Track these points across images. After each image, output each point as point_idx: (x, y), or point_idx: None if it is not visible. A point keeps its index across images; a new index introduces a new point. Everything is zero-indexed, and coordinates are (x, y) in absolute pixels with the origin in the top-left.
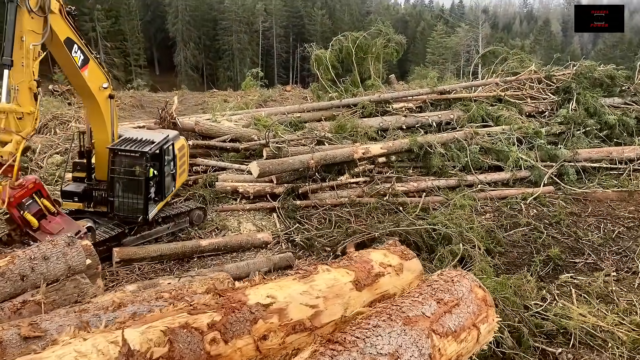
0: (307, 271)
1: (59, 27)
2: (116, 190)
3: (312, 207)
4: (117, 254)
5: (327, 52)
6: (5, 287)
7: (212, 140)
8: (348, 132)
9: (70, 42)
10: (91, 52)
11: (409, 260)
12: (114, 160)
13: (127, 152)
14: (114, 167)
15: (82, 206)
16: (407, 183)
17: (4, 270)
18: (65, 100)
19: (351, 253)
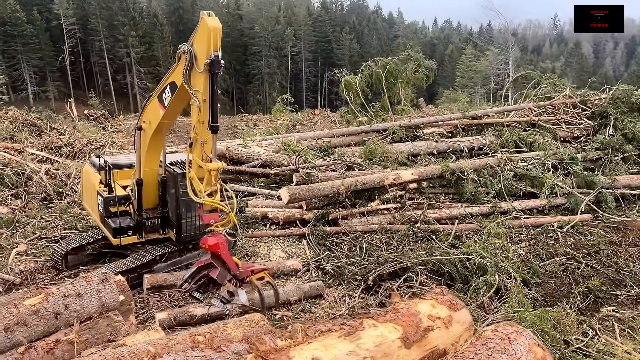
0: (352, 327)
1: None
2: (184, 213)
3: (342, 233)
4: (148, 281)
5: (356, 78)
6: (39, 325)
7: (242, 165)
8: (378, 158)
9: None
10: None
11: (458, 311)
12: (182, 183)
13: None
14: (182, 190)
15: (136, 239)
16: (439, 210)
17: (38, 308)
18: (100, 125)
19: (397, 304)
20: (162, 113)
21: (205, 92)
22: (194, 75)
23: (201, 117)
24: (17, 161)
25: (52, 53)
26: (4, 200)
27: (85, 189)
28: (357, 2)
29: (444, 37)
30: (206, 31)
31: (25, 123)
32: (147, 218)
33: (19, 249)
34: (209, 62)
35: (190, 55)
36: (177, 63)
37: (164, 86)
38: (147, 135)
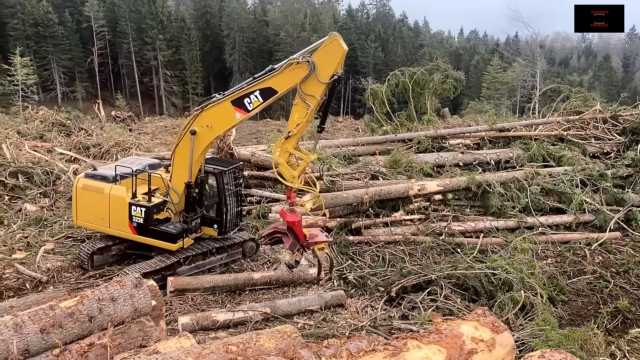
0: (396, 348)
1: None
2: (227, 207)
3: (365, 243)
4: (171, 284)
5: (382, 86)
6: (74, 328)
7: (267, 171)
8: (403, 168)
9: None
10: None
11: (501, 334)
12: (223, 179)
13: (232, 169)
14: (225, 187)
15: (190, 240)
16: (464, 223)
17: (73, 310)
18: (127, 127)
19: (439, 324)
20: (239, 117)
21: (320, 99)
22: (312, 84)
23: (307, 118)
24: (47, 160)
25: (81, 54)
26: (33, 199)
27: (85, 205)
28: (383, 11)
29: (469, 47)
30: (339, 52)
31: (55, 123)
32: (194, 218)
33: (47, 248)
34: (336, 78)
35: (314, 66)
36: (280, 72)
37: (249, 91)
38: (204, 139)
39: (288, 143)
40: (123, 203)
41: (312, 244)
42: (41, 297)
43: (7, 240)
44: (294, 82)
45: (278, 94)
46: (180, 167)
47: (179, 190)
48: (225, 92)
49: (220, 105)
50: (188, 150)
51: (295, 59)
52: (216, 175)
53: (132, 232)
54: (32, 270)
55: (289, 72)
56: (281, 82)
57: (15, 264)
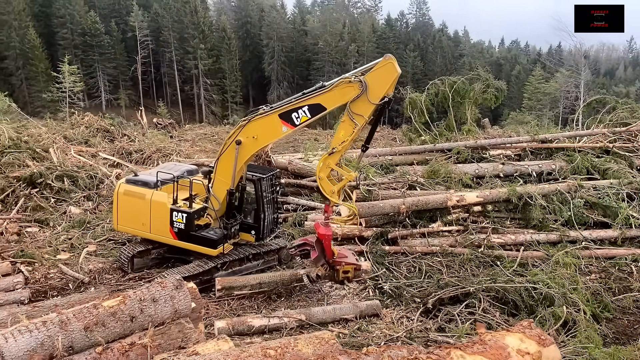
0: (439, 357)
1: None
2: (265, 213)
3: (401, 253)
4: (219, 283)
5: (422, 96)
6: (116, 327)
7: (303, 179)
8: (441, 178)
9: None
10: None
11: (547, 347)
12: (261, 186)
13: (269, 176)
14: (263, 194)
15: (230, 246)
16: (504, 235)
17: (115, 310)
18: (168, 134)
19: (483, 335)
20: (285, 130)
21: (368, 119)
22: (362, 103)
23: (354, 136)
24: (91, 165)
25: (125, 63)
26: (77, 202)
27: (127, 210)
28: (423, 20)
29: (510, 57)
30: (392, 75)
31: (99, 129)
32: (233, 224)
33: (89, 249)
34: (386, 101)
35: (365, 87)
36: (330, 89)
37: (297, 106)
38: (249, 150)
39: (331, 159)
40: (164, 209)
41: (338, 264)
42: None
43: (52, 241)
44: (344, 100)
45: (326, 110)
46: (223, 175)
47: (220, 197)
48: (273, 104)
49: (268, 117)
50: (232, 159)
51: (347, 78)
52: (254, 183)
53: (173, 238)
54: (75, 271)
55: (340, 91)
56: (331, 99)
57: (59, 264)
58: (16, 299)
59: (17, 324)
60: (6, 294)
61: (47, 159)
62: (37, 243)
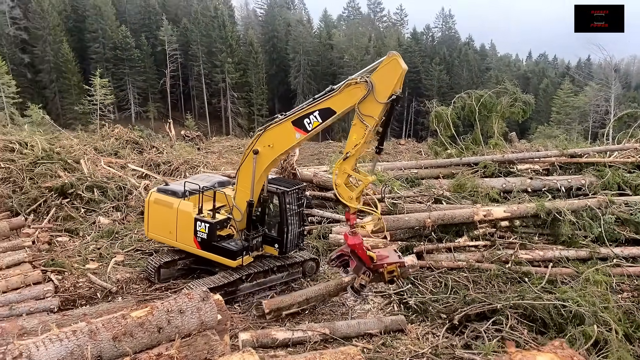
0: None
1: None
2: (288, 227)
3: (427, 268)
4: (266, 306)
5: (448, 109)
6: (143, 337)
7: (328, 192)
8: (468, 192)
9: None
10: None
11: None
12: (285, 199)
13: (295, 190)
14: (287, 207)
15: (250, 258)
16: (532, 251)
17: (143, 320)
18: (195, 146)
19: (514, 354)
20: (299, 137)
21: (379, 119)
22: (370, 104)
23: (367, 138)
24: (120, 176)
25: (154, 76)
26: (106, 212)
27: (156, 218)
28: (449, 34)
29: (538, 70)
30: (398, 71)
31: (129, 140)
32: (255, 236)
33: (117, 259)
34: (394, 98)
35: (371, 87)
36: (339, 92)
37: (308, 112)
38: (266, 159)
39: (346, 164)
40: (189, 218)
41: (380, 266)
42: (112, 306)
43: (82, 251)
44: (353, 102)
45: (336, 114)
46: (244, 186)
47: (242, 208)
48: (287, 112)
49: (282, 125)
50: (251, 169)
51: (353, 79)
52: (279, 195)
53: (196, 247)
54: (103, 281)
55: (348, 93)
56: (340, 102)
57: (88, 273)
58: (46, 307)
59: (47, 333)
60: (36, 302)
61: (78, 170)
62: (67, 252)
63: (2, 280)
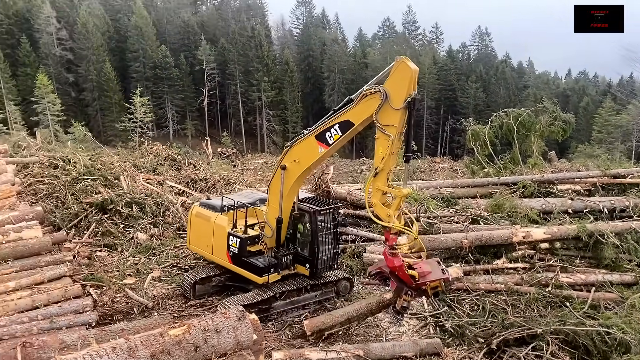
0: None
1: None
2: (319, 248)
3: (463, 290)
4: (308, 328)
5: (485, 128)
6: (180, 356)
7: (362, 210)
8: (506, 213)
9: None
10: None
11: None
12: (316, 219)
13: (327, 209)
14: (319, 227)
15: (278, 276)
16: (574, 274)
17: (180, 339)
18: (231, 163)
19: None
20: (322, 151)
21: (400, 126)
22: (387, 113)
23: (392, 149)
24: (158, 192)
25: (192, 94)
26: (144, 228)
27: (197, 231)
28: (485, 52)
29: (578, 88)
30: (408, 73)
31: (167, 157)
32: (284, 254)
33: (154, 275)
34: (410, 101)
35: (386, 95)
36: (356, 104)
37: (329, 125)
38: (293, 174)
39: (378, 180)
40: (223, 232)
41: (423, 284)
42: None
43: (120, 266)
44: (369, 113)
45: (355, 126)
46: (274, 202)
47: (273, 225)
48: (312, 127)
49: (306, 140)
50: (280, 185)
51: (368, 89)
52: (310, 214)
53: (228, 261)
54: (140, 296)
55: (364, 104)
56: (357, 114)
57: (125, 288)
58: (85, 321)
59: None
60: (76, 316)
61: (118, 186)
62: (105, 267)
63: (44, 293)
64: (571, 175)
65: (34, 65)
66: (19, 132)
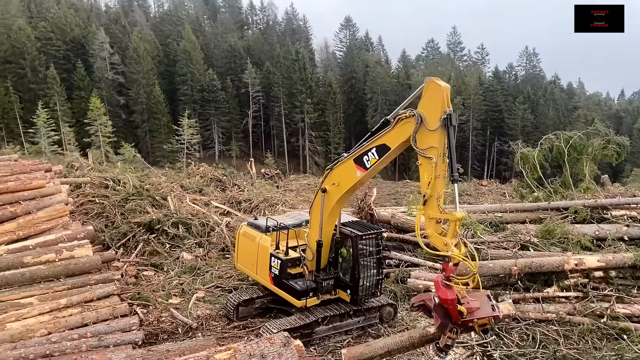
0: None
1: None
2: (361, 274)
3: (512, 318)
4: (346, 358)
5: (534, 151)
6: None
7: (406, 234)
8: (557, 239)
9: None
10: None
11: None
12: (357, 244)
13: (371, 235)
14: (360, 252)
15: (316, 300)
16: (631, 305)
17: None
18: (274, 184)
19: None
20: (359, 174)
21: (441, 147)
22: (425, 135)
23: (437, 172)
24: (204, 213)
25: (238, 116)
26: (190, 248)
27: (243, 250)
28: (533, 72)
29: (632, 109)
30: (440, 92)
31: (213, 178)
32: (324, 279)
33: (198, 295)
34: (445, 118)
35: (420, 118)
36: (391, 128)
37: (366, 149)
38: (332, 197)
39: (428, 208)
40: (266, 252)
41: (470, 322)
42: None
43: (165, 286)
44: (405, 137)
45: (391, 150)
46: (315, 225)
47: (314, 248)
48: (351, 150)
49: (345, 163)
50: (320, 208)
51: (403, 114)
52: (352, 239)
53: (270, 282)
54: (184, 316)
55: (399, 128)
56: (393, 138)
57: (171, 308)
58: (131, 339)
59: None
60: (123, 334)
61: (165, 206)
62: (151, 286)
63: (93, 311)
64: (626, 201)
65: (88, 89)
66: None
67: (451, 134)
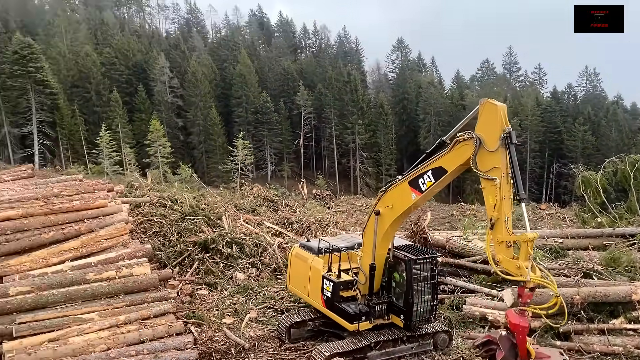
0: None
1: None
2: (415, 298)
3: (575, 351)
4: None
5: (597, 174)
6: None
7: (462, 259)
8: (623, 267)
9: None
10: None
11: None
12: (411, 268)
13: (425, 259)
14: (414, 277)
15: (369, 324)
16: None
17: None
18: (325, 205)
19: None
20: (414, 197)
21: (504, 167)
22: (485, 157)
23: (502, 194)
24: (257, 233)
25: (290, 137)
26: (243, 268)
27: (295, 272)
28: (594, 92)
29: None
30: (496, 111)
31: (265, 199)
32: (377, 303)
33: (251, 315)
34: (505, 136)
35: (479, 140)
36: (449, 150)
37: (422, 172)
38: (386, 220)
39: (497, 232)
40: (318, 275)
41: None
42: None
43: (219, 305)
44: (462, 160)
45: (448, 173)
46: (368, 248)
47: (367, 271)
48: (405, 172)
49: (399, 186)
50: (373, 231)
51: (461, 136)
52: (405, 263)
53: (322, 304)
54: (237, 336)
55: (457, 151)
56: (450, 161)
57: (224, 328)
58: (185, 358)
59: None
60: (178, 353)
61: (220, 225)
62: (206, 305)
63: (150, 328)
64: None
65: (148, 111)
66: (132, 173)
67: (513, 153)
